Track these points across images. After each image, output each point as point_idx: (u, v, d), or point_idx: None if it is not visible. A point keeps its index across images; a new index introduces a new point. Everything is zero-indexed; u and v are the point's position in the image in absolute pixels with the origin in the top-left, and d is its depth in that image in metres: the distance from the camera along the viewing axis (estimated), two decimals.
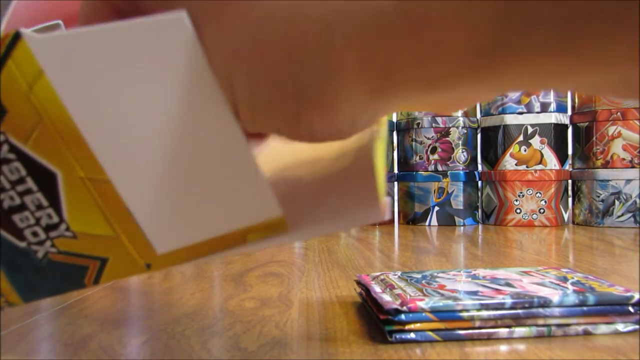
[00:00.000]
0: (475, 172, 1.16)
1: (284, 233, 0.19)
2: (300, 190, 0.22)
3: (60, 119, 0.16)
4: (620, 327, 0.30)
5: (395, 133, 1.24)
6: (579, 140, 1.12)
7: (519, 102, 1.11)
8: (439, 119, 1.14)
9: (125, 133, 0.16)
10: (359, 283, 0.37)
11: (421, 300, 0.29)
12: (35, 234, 0.19)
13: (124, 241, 0.19)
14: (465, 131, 1.15)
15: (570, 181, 1.15)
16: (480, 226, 1.10)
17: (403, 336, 0.29)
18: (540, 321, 0.30)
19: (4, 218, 0.19)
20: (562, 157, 1.11)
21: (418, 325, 0.29)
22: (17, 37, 0.15)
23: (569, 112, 1.15)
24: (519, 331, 0.29)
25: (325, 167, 0.24)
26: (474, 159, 1.17)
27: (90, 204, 0.18)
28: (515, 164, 1.10)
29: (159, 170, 0.17)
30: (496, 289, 0.31)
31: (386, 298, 0.31)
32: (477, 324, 0.29)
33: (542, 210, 1.08)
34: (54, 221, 0.19)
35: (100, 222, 0.18)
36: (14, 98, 0.16)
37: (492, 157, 1.14)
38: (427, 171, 1.14)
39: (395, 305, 0.29)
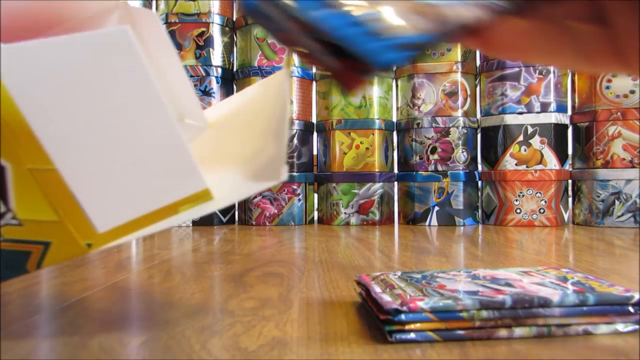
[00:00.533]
0: (475, 172, 1.16)
1: (209, 201, 0.22)
2: (218, 160, 0.25)
3: (13, 118, 0.18)
4: (620, 327, 0.30)
5: (395, 133, 1.24)
6: (579, 140, 1.12)
7: (519, 102, 1.11)
8: (439, 119, 1.14)
9: (71, 127, 0.19)
10: (359, 283, 0.37)
11: (421, 300, 0.29)
12: None
13: (67, 224, 0.21)
14: (465, 131, 1.15)
15: (570, 181, 1.15)
16: (480, 226, 1.10)
17: (403, 336, 0.29)
18: (540, 321, 0.29)
19: None
20: (562, 157, 1.11)
21: (418, 325, 0.29)
22: None
23: (569, 112, 1.15)
24: (519, 331, 0.29)
25: (240, 138, 0.27)
26: (474, 159, 1.17)
27: (37, 192, 0.20)
28: (515, 164, 1.10)
29: (99, 157, 0.19)
30: (496, 289, 0.31)
31: (386, 298, 0.31)
32: (477, 324, 0.29)
33: (542, 210, 1.08)
34: (1, 211, 0.20)
35: (45, 208, 0.20)
36: None
37: (492, 157, 1.14)
38: (427, 171, 1.14)
39: (395, 305, 0.29)
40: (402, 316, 0.29)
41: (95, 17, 0.25)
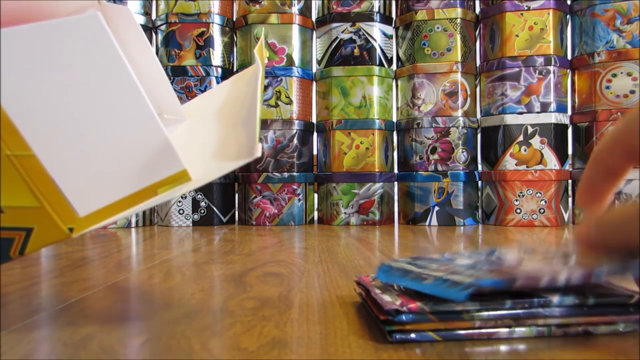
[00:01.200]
0: (475, 172, 1.16)
1: (187, 182, 0.23)
2: (193, 148, 0.26)
3: None
4: (621, 327, 0.30)
5: (395, 133, 1.24)
6: (579, 140, 1.12)
7: (519, 102, 1.11)
8: (439, 119, 1.14)
9: (47, 113, 0.19)
10: (359, 283, 0.37)
11: (420, 300, 0.29)
12: None
13: (48, 209, 0.21)
14: (465, 131, 1.15)
15: (570, 181, 1.15)
16: (480, 226, 1.10)
17: (403, 336, 0.29)
18: (540, 321, 0.29)
19: None
20: (562, 157, 1.11)
21: (418, 326, 0.29)
22: None
23: (569, 112, 1.15)
24: (519, 331, 0.29)
25: (218, 118, 0.28)
26: (474, 159, 1.17)
27: (17, 179, 0.20)
28: (515, 164, 1.10)
29: (76, 142, 0.20)
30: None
31: (386, 298, 0.31)
32: (477, 324, 0.29)
33: (542, 210, 1.08)
34: None
35: (26, 194, 0.20)
36: None
37: (492, 157, 1.14)
38: (427, 171, 1.14)
39: (395, 305, 0.29)
40: (402, 316, 0.29)
41: (72, 14, 0.25)
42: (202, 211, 1.16)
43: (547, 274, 0.29)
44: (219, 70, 1.20)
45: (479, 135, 1.19)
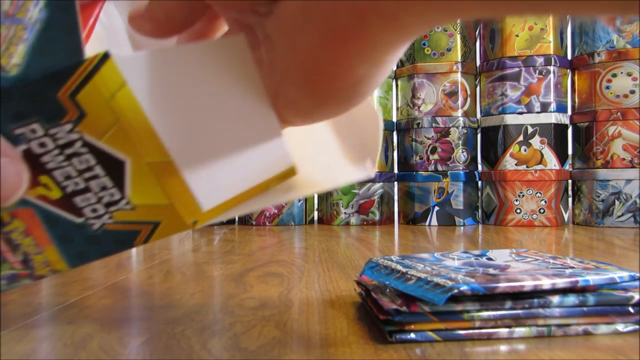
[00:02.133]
0: (475, 172, 1.16)
1: (300, 186, 0.25)
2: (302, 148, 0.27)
3: (136, 118, 0.20)
4: (620, 327, 0.30)
5: (395, 133, 1.24)
6: (579, 140, 1.12)
7: (519, 102, 1.11)
8: (439, 119, 1.14)
9: (186, 123, 0.21)
10: (359, 283, 0.37)
11: (420, 300, 0.29)
12: (94, 210, 0.23)
13: (176, 206, 0.23)
14: (465, 131, 1.15)
15: (570, 181, 1.15)
16: (480, 226, 1.10)
17: (403, 336, 0.29)
18: (540, 321, 0.29)
19: (64, 200, 0.22)
20: (562, 157, 1.11)
21: (418, 326, 0.29)
22: (105, 56, 0.19)
23: (569, 112, 1.15)
24: (519, 331, 0.29)
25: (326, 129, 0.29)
26: (474, 159, 1.17)
27: (152, 182, 0.22)
28: (515, 164, 1.10)
29: (208, 147, 0.22)
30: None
31: (386, 298, 0.31)
32: (477, 324, 0.29)
33: (542, 210, 1.08)
34: (116, 198, 0.22)
35: (158, 194, 0.22)
36: (95, 105, 0.19)
37: (492, 157, 1.14)
38: (427, 171, 1.14)
39: (395, 305, 0.29)
40: (402, 316, 0.29)
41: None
42: None
43: (530, 280, 0.29)
44: None
45: (479, 135, 1.19)
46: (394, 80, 1.24)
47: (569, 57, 1.16)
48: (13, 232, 0.23)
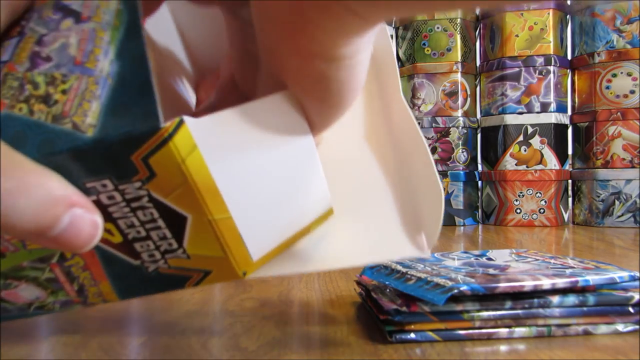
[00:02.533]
0: (475, 172, 1.16)
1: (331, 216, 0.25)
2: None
3: (203, 180, 0.21)
4: (620, 327, 0.30)
5: None
6: (579, 140, 1.12)
7: (519, 102, 1.11)
8: (439, 119, 1.14)
9: (247, 182, 0.22)
10: (359, 283, 0.37)
11: (420, 300, 0.29)
12: (151, 255, 0.24)
13: (230, 260, 0.24)
14: (465, 131, 1.15)
15: (570, 181, 1.15)
16: (480, 226, 1.10)
17: (403, 336, 0.29)
18: (540, 321, 0.29)
19: (124, 245, 0.23)
20: (562, 157, 1.11)
21: (418, 326, 0.29)
22: (180, 123, 0.19)
23: (569, 112, 1.15)
24: (519, 331, 0.29)
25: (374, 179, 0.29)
26: (474, 159, 1.17)
27: (210, 236, 0.23)
28: (515, 164, 1.10)
29: (263, 202, 0.23)
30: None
31: (386, 298, 0.31)
32: (477, 324, 0.29)
33: (542, 210, 1.08)
34: (173, 248, 0.23)
35: (215, 247, 0.23)
36: (166, 167, 0.20)
37: (492, 157, 1.14)
38: None
39: (395, 305, 0.29)
40: (402, 316, 0.29)
41: None
42: None
43: (530, 280, 0.29)
44: None
45: (479, 135, 1.19)
46: None
47: (569, 57, 1.16)
48: (73, 266, 0.24)
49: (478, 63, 1.21)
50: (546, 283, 0.29)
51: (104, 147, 0.19)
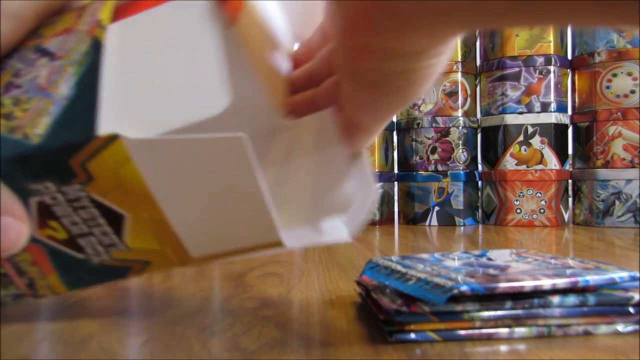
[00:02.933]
0: (475, 172, 1.16)
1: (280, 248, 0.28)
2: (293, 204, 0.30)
3: (137, 188, 0.23)
4: (621, 327, 0.30)
5: (395, 133, 1.24)
6: (579, 140, 1.12)
7: (519, 102, 1.11)
8: (439, 119, 1.14)
9: (182, 195, 0.24)
10: (359, 283, 0.37)
11: (421, 301, 0.29)
12: (95, 249, 0.26)
13: (168, 251, 0.27)
14: (465, 131, 1.15)
15: (570, 181, 1.15)
16: (480, 226, 1.10)
17: (403, 336, 0.29)
18: (540, 321, 0.29)
19: (69, 241, 0.26)
20: (562, 157, 1.11)
21: (418, 326, 0.29)
22: (114, 137, 0.22)
23: (569, 112, 1.15)
24: (519, 331, 0.29)
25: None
26: (474, 159, 1.17)
27: (148, 232, 0.26)
28: (516, 164, 1.10)
29: (199, 213, 0.25)
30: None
31: (386, 298, 0.31)
32: (477, 324, 0.29)
33: (542, 210, 1.08)
34: (114, 242, 0.26)
35: (152, 241, 0.26)
36: (103, 172, 0.23)
37: (492, 157, 1.14)
38: (427, 171, 1.14)
39: (395, 305, 0.29)
40: (402, 316, 0.29)
41: None
42: None
43: (530, 280, 0.29)
44: None
45: (479, 135, 1.19)
46: None
47: (569, 57, 1.16)
48: (22, 262, 0.27)
49: (478, 63, 1.21)
50: (546, 283, 0.29)
51: (46, 153, 0.22)
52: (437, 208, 1.13)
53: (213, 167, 0.23)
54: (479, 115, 1.20)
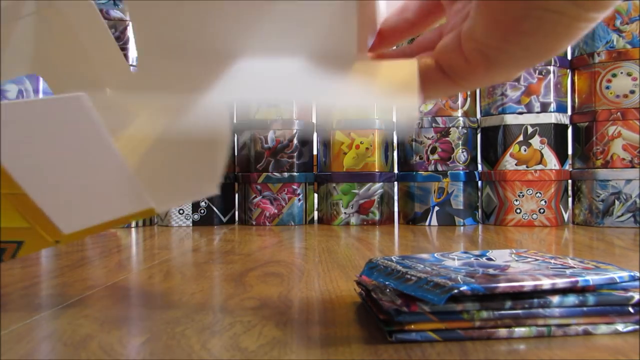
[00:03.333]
0: (475, 172, 1.16)
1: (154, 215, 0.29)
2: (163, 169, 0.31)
3: None
4: (620, 327, 0.30)
5: (395, 133, 1.24)
6: (579, 140, 1.12)
7: (519, 102, 1.11)
8: (439, 119, 1.14)
9: (36, 164, 0.24)
10: (359, 283, 0.37)
11: (420, 300, 0.29)
12: None
13: (37, 229, 0.27)
14: (465, 131, 1.15)
15: (570, 181, 1.15)
16: (480, 226, 1.10)
17: (403, 336, 0.29)
18: (540, 321, 0.30)
19: None
20: (562, 157, 1.11)
21: (418, 325, 0.29)
22: None
23: (569, 112, 1.15)
24: (519, 331, 0.29)
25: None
26: (474, 159, 1.17)
27: (11, 209, 0.26)
28: (515, 164, 1.10)
29: (63, 184, 0.25)
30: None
31: (386, 298, 0.31)
32: (477, 324, 0.29)
33: (542, 210, 1.08)
34: None
35: (18, 219, 0.26)
36: None
37: (492, 157, 1.14)
38: (427, 171, 1.14)
39: (395, 305, 0.29)
40: (402, 316, 0.29)
41: None
42: (202, 211, 1.17)
43: (530, 280, 0.29)
44: None
45: (479, 135, 1.19)
46: None
47: (569, 57, 1.16)
48: None
49: None
50: (546, 283, 0.29)
51: None
52: (437, 208, 1.13)
53: (60, 131, 0.23)
54: (478, 116, 1.20)
